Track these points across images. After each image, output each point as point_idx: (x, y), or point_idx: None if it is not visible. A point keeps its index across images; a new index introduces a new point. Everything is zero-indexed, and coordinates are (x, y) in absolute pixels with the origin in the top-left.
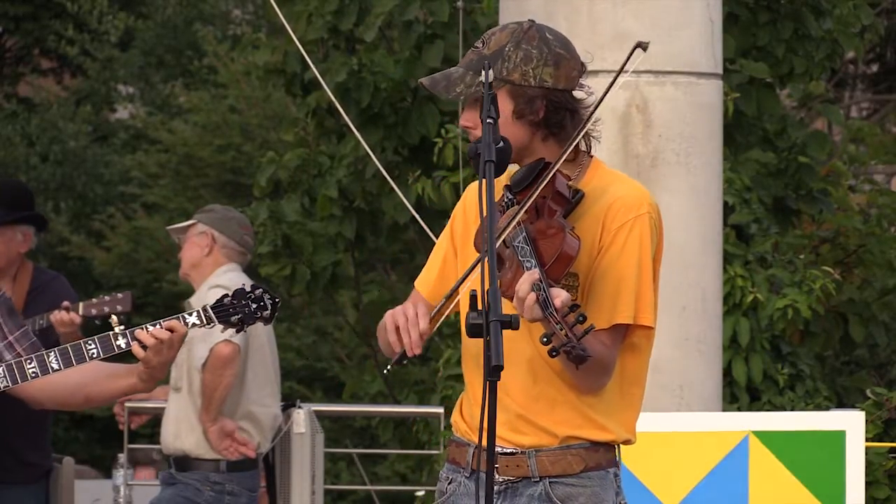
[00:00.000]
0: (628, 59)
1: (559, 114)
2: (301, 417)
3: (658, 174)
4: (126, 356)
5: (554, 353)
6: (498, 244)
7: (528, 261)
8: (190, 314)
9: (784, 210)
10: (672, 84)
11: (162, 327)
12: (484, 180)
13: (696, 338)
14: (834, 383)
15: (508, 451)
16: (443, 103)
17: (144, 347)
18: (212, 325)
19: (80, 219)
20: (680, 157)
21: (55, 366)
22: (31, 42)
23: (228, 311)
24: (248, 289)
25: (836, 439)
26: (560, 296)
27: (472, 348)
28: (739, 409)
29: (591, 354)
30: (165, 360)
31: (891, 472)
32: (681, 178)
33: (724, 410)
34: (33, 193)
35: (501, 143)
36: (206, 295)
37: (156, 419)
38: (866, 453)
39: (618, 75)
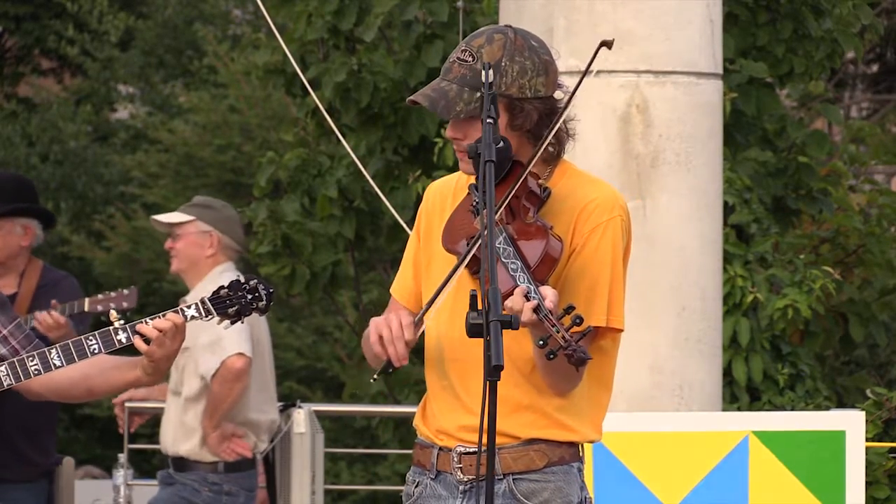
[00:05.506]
0: (594, 58)
1: (549, 119)
2: (301, 417)
3: (658, 174)
4: (127, 350)
5: (552, 357)
6: (475, 247)
7: (512, 262)
8: (189, 307)
9: (784, 210)
10: (672, 84)
11: (163, 319)
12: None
13: (696, 338)
14: (834, 383)
15: (472, 450)
16: None
17: (147, 341)
18: (210, 317)
19: (80, 219)
20: (680, 157)
21: (57, 362)
22: (32, 42)
23: (226, 303)
24: (242, 280)
25: (836, 439)
26: (548, 296)
27: (432, 351)
28: (739, 409)
29: (592, 357)
30: (169, 352)
31: (891, 472)
32: (681, 178)
33: (724, 410)
34: (35, 187)
35: (501, 143)
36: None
37: (156, 419)
38: (866, 453)
39: (584, 75)
